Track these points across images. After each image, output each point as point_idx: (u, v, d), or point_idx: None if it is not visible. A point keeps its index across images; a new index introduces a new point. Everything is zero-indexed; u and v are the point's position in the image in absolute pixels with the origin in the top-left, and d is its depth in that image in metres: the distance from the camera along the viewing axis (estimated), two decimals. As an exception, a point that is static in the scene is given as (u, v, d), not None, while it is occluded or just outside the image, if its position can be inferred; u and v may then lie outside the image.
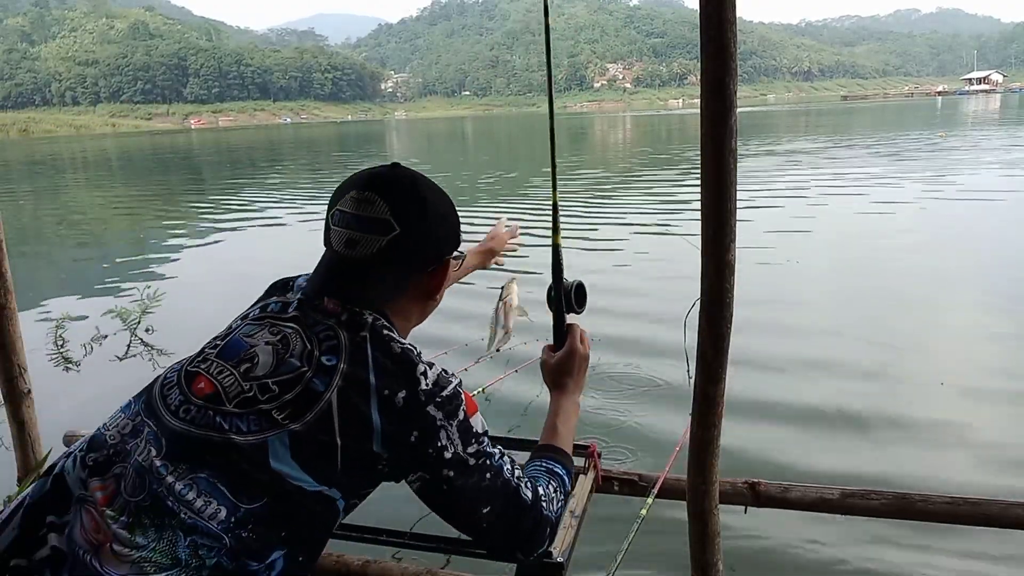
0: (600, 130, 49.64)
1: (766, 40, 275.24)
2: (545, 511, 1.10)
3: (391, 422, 0.94)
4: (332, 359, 0.95)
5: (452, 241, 1.13)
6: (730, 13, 1.27)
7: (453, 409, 0.99)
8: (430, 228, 1.07)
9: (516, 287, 1.78)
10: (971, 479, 3.20)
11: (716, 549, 1.75)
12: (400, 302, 1.09)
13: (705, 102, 1.33)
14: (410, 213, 1.04)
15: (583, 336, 1.48)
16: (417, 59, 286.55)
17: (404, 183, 1.06)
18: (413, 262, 1.08)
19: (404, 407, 0.95)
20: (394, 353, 0.98)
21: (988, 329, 5.29)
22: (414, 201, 1.05)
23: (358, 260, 1.04)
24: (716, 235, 1.40)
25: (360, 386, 0.94)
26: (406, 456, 0.96)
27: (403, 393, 0.95)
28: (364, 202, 1.04)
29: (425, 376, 0.98)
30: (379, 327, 1.01)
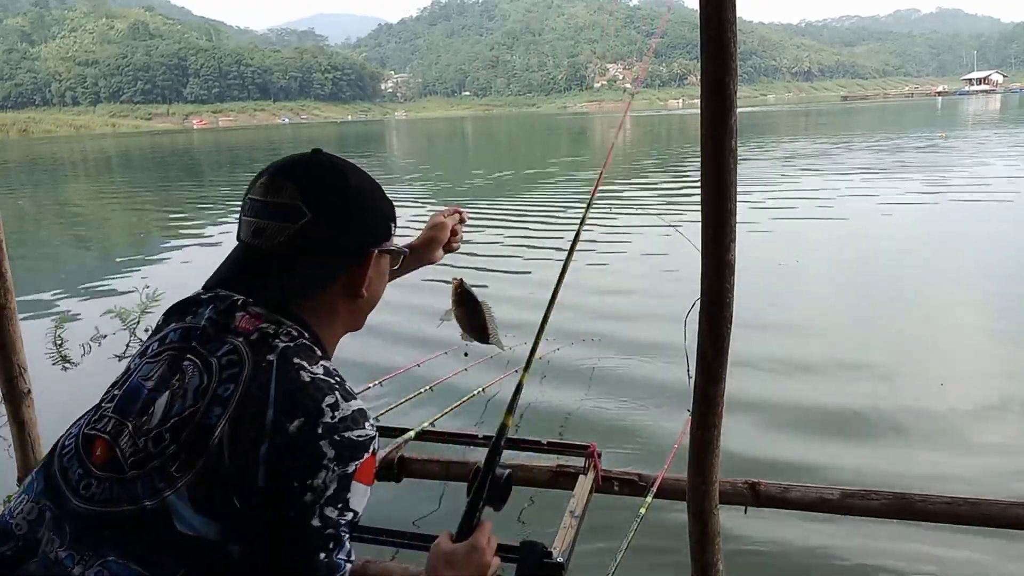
0: (600, 130, 49.64)
1: (766, 40, 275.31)
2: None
3: (278, 452, 0.82)
4: (229, 388, 0.85)
5: (378, 233, 1.01)
6: (730, 13, 1.27)
7: (348, 457, 0.84)
8: (348, 216, 0.96)
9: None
10: (971, 480, 3.20)
11: (716, 549, 1.75)
12: (319, 301, 0.97)
13: (705, 102, 1.34)
14: (324, 199, 0.94)
15: (491, 540, 1.16)
16: (417, 59, 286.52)
17: (319, 167, 0.97)
18: (328, 254, 0.96)
19: (295, 435, 0.83)
20: (301, 382, 0.86)
21: (989, 330, 5.29)
22: (329, 186, 0.96)
23: (264, 250, 0.94)
24: (716, 235, 1.41)
25: (255, 416, 0.83)
26: (282, 489, 0.82)
27: (299, 422, 0.83)
28: (273, 188, 0.94)
29: (333, 409, 0.85)
30: (290, 352, 0.89)
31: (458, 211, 1.54)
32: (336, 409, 0.85)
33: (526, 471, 2.49)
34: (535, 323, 1.50)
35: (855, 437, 3.69)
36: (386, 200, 1.04)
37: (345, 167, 0.99)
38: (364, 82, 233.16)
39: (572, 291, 6.77)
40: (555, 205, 13.09)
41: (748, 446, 3.50)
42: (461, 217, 1.55)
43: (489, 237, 9.90)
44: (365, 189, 0.99)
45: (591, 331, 5.04)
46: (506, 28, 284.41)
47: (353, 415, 0.86)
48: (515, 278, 7.50)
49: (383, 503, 3.01)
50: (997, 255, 7.43)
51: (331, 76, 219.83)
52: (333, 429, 0.84)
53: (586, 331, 5.06)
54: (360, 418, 0.87)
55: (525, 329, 5.31)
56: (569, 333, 5.04)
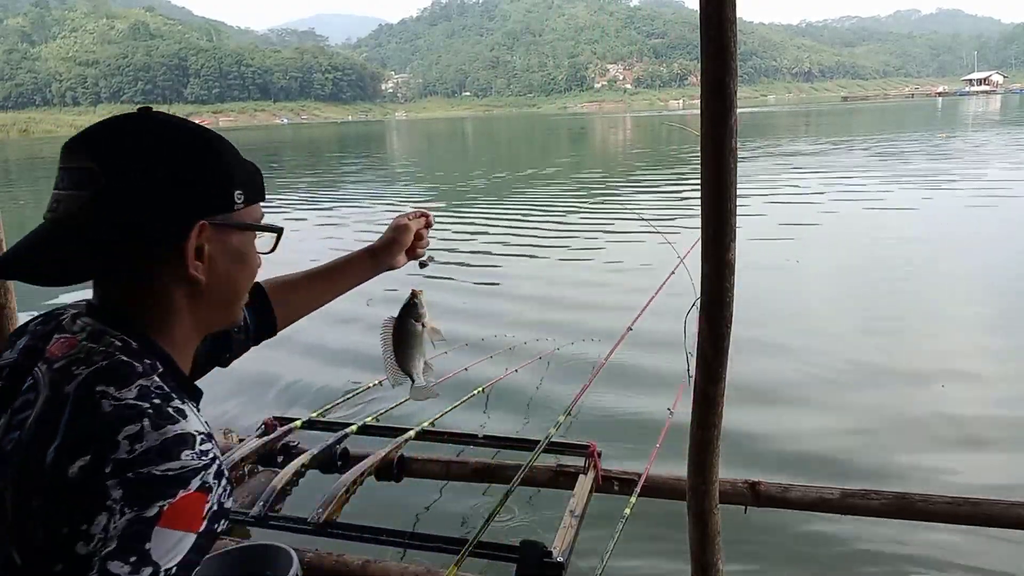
0: (600, 131, 49.65)
1: (766, 41, 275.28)
2: None
3: (53, 499, 0.66)
4: (14, 435, 0.71)
5: (212, 201, 0.82)
6: (730, 13, 1.27)
7: (147, 497, 0.66)
8: (160, 179, 0.78)
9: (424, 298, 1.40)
10: (972, 480, 3.20)
11: (716, 549, 1.75)
12: (148, 293, 0.81)
13: (705, 102, 1.34)
14: (126, 160, 0.78)
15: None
16: (417, 59, 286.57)
17: (125, 125, 0.80)
18: (137, 227, 0.77)
19: (75, 477, 0.66)
20: (99, 413, 0.69)
21: (990, 331, 5.29)
22: (135, 145, 0.79)
23: (60, 223, 0.77)
24: (716, 235, 1.40)
25: (38, 462, 0.68)
26: (53, 541, 0.66)
27: (82, 461, 0.66)
28: (71, 152, 0.79)
29: (133, 441, 0.67)
30: (93, 379, 0.72)
31: (425, 214, 1.40)
32: (138, 441, 0.67)
33: (526, 471, 2.49)
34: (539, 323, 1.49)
35: (856, 438, 3.69)
36: (230, 163, 0.84)
37: (165, 123, 0.82)
38: (364, 82, 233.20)
39: (572, 292, 6.77)
40: (554, 204, 13.10)
41: (748, 446, 3.50)
42: (428, 221, 1.41)
43: (489, 237, 9.91)
44: (188, 147, 0.81)
45: (592, 331, 5.04)
46: (506, 28, 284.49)
47: (163, 444, 0.68)
48: (514, 277, 7.51)
49: (383, 503, 3.01)
50: (1000, 256, 7.43)
51: (331, 76, 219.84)
52: (127, 465, 0.66)
53: (586, 331, 5.06)
54: (175, 446, 0.69)
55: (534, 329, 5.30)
56: (569, 333, 5.04)
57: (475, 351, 4.33)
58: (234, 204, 0.84)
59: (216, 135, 0.85)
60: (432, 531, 2.33)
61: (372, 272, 1.35)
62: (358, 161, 29.24)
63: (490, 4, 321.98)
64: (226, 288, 0.87)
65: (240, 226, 0.85)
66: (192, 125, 0.84)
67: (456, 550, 2.17)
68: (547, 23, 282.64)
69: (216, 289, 0.85)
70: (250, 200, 0.86)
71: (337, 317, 5.78)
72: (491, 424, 3.81)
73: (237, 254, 0.86)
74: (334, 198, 16.37)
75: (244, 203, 0.85)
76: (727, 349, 1.52)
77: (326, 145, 46.67)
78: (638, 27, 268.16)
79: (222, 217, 0.82)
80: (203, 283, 0.82)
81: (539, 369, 4.37)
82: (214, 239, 0.82)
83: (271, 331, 1.26)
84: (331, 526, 2.29)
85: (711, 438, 1.65)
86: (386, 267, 1.37)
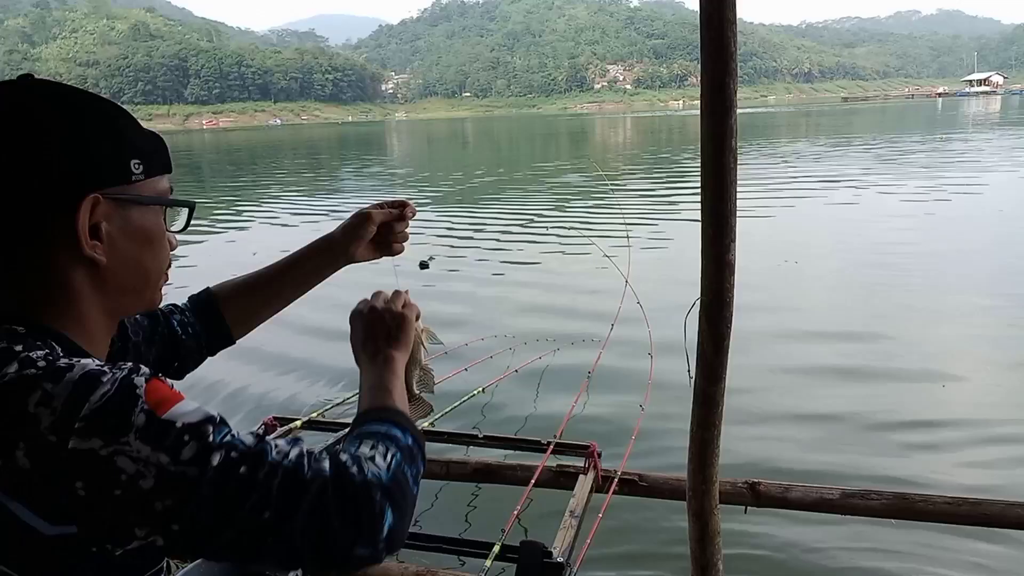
0: (601, 132, 49.67)
1: (766, 42, 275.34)
2: (358, 474, 0.71)
3: (33, 494, 0.62)
4: None
5: (104, 171, 0.74)
6: (730, 13, 1.27)
7: (118, 420, 0.62)
8: (30, 149, 0.70)
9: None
10: (972, 480, 3.20)
11: (716, 549, 1.75)
12: (36, 267, 0.73)
13: (705, 102, 1.34)
14: (3, 128, 0.71)
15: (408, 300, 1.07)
16: (418, 60, 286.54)
17: (2, 91, 0.73)
18: (16, 202, 0.70)
19: (35, 465, 0.61)
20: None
21: (990, 332, 5.29)
22: (11, 113, 0.71)
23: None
24: (716, 235, 1.40)
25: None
26: (99, 516, 0.63)
27: (22, 448, 0.61)
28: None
29: (47, 405, 0.62)
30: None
31: (403, 204, 1.24)
32: (49, 402, 0.62)
33: (526, 471, 2.50)
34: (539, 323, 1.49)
35: (856, 438, 3.69)
36: (125, 130, 0.77)
37: (47, 90, 0.74)
38: (365, 83, 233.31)
39: (571, 291, 6.77)
40: (556, 205, 13.10)
41: (748, 446, 3.50)
42: (403, 213, 1.23)
43: (489, 237, 9.91)
44: (74, 112, 0.73)
45: (591, 331, 5.04)
46: (507, 29, 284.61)
47: (75, 387, 0.63)
48: (516, 276, 7.51)
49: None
50: (1001, 256, 7.44)
51: (332, 77, 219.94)
52: (64, 423, 0.61)
53: (586, 331, 5.05)
54: (90, 379, 0.64)
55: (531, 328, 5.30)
56: (569, 333, 5.04)
57: (475, 351, 4.33)
58: (131, 175, 0.76)
59: (112, 103, 0.78)
60: (432, 531, 2.33)
61: (332, 267, 1.22)
62: (358, 161, 29.26)
63: (490, 5, 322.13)
64: (132, 271, 0.79)
65: (141, 200, 0.77)
66: (81, 91, 0.76)
67: (456, 550, 2.17)
68: (547, 24, 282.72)
69: (121, 272, 0.77)
70: (152, 171, 0.79)
71: (337, 316, 5.77)
72: (491, 425, 3.81)
73: (141, 232, 0.78)
74: (333, 199, 16.38)
75: (144, 174, 0.77)
76: (727, 349, 1.52)
77: (324, 143, 46.68)
78: (638, 28, 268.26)
79: (118, 189, 0.75)
80: (104, 264, 0.75)
81: (539, 369, 4.37)
82: (113, 215, 0.75)
83: (226, 340, 1.16)
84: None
85: (711, 438, 1.65)
86: (345, 261, 1.22)
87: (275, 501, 0.66)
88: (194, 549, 0.67)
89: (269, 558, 0.68)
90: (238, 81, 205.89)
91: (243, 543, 0.67)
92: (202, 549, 0.67)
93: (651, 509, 2.68)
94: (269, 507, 0.66)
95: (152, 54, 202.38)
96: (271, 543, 0.67)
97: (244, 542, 0.66)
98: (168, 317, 1.12)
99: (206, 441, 0.64)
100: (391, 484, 0.73)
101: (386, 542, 0.72)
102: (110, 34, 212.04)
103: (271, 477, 0.66)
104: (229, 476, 0.64)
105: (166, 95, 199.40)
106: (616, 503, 2.39)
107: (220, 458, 0.64)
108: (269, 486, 0.66)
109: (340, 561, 0.71)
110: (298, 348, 5.22)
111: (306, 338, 5.34)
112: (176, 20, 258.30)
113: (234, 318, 1.16)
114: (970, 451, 3.54)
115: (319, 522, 0.68)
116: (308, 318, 5.33)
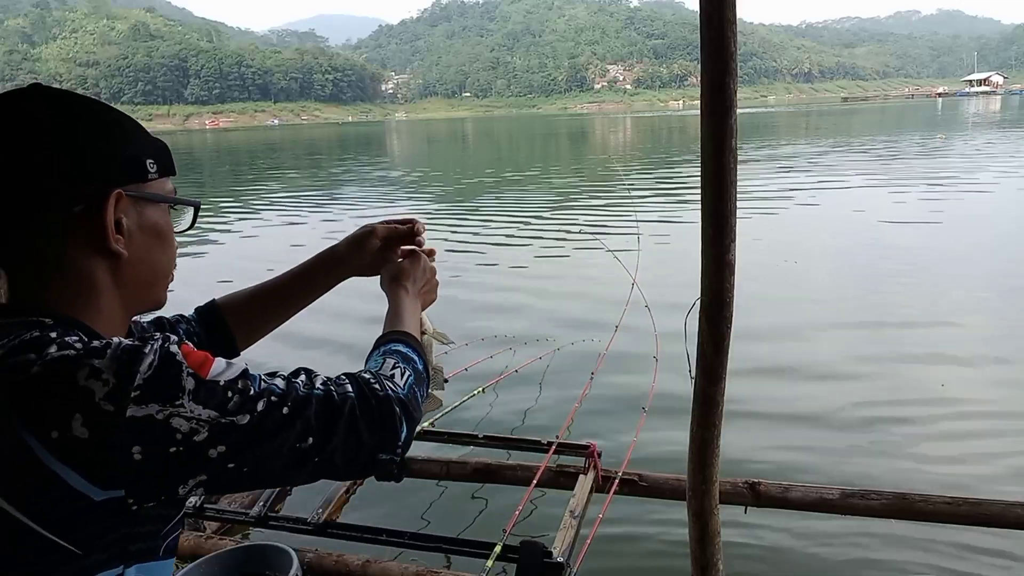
0: (601, 132, 49.65)
1: (766, 42, 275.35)
2: (381, 390, 0.83)
3: (90, 463, 0.66)
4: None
5: (123, 170, 0.80)
6: (730, 13, 1.27)
7: (170, 385, 0.69)
8: (58, 148, 0.76)
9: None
10: (972, 480, 3.20)
11: (716, 549, 1.75)
12: (64, 270, 0.78)
13: (705, 102, 1.34)
14: (21, 131, 0.76)
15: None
16: (418, 60, 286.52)
17: (18, 99, 0.78)
18: (35, 198, 0.75)
19: (93, 434, 0.66)
20: (33, 377, 0.67)
21: (990, 332, 5.30)
22: (29, 116, 0.76)
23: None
24: (716, 235, 1.40)
25: (13, 451, 0.66)
26: (149, 478, 0.69)
27: (78, 420, 0.66)
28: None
29: (97, 377, 0.67)
30: (9, 353, 0.69)
31: (412, 222, 1.23)
32: (99, 375, 0.67)
33: (526, 471, 2.50)
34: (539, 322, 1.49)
35: (856, 438, 3.69)
36: (135, 137, 0.83)
37: (67, 98, 0.80)
38: (365, 83, 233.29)
39: (572, 291, 6.77)
40: (557, 204, 13.10)
41: (749, 446, 3.50)
42: (412, 230, 1.23)
43: (488, 236, 9.91)
44: (91, 120, 0.79)
45: (592, 331, 5.04)
46: (507, 29, 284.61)
47: (120, 359, 0.69)
48: (516, 276, 7.51)
49: (383, 503, 3.02)
50: (1001, 256, 7.44)
51: (332, 77, 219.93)
52: (121, 392, 0.67)
53: (587, 331, 5.06)
54: (129, 351, 0.70)
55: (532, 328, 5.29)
56: (569, 333, 5.04)
57: (475, 350, 4.33)
58: (147, 173, 0.82)
59: (119, 110, 0.84)
60: (432, 531, 2.33)
61: (336, 279, 1.23)
62: (357, 160, 29.24)
63: (490, 5, 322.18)
64: (147, 266, 0.84)
65: (156, 198, 0.84)
66: (91, 99, 0.82)
67: (456, 550, 2.17)
68: (547, 24, 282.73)
69: (138, 266, 0.82)
70: (162, 172, 0.85)
71: (337, 313, 5.77)
72: (490, 425, 3.81)
73: (154, 229, 0.84)
74: (331, 199, 16.37)
75: (157, 174, 0.84)
76: (728, 349, 1.52)
77: (323, 143, 46.66)
78: (638, 28, 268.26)
79: (136, 187, 0.81)
80: (124, 257, 0.80)
81: (539, 369, 4.37)
82: (131, 211, 0.80)
83: (232, 351, 1.17)
84: (331, 526, 2.29)
85: (711, 438, 1.64)
86: (349, 273, 1.23)
87: (315, 428, 0.76)
88: (244, 483, 0.75)
89: (309, 476, 0.79)
90: (238, 81, 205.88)
91: (290, 468, 0.76)
92: (250, 482, 0.75)
93: (651, 509, 2.68)
94: (312, 433, 0.76)
95: (152, 54, 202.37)
96: (314, 463, 0.77)
97: (292, 467, 0.76)
98: (175, 326, 1.14)
99: (248, 393, 0.73)
100: (407, 399, 0.86)
101: (402, 448, 0.84)
102: (110, 34, 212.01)
103: (306, 408, 0.76)
104: (274, 417, 0.74)
105: (166, 95, 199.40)
106: (616, 503, 2.39)
107: (264, 404, 0.73)
108: (308, 416, 0.76)
109: (366, 467, 0.82)
110: (300, 345, 5.22)
111: (308, 336, 5.34)
112: (176, 20, 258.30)
113: (239, 329, 1.18)
114: (971, 451, 3.54)
115: (353, 437, 0.79)
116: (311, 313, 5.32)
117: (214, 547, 2.11)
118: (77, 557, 0.68)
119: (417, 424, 0.89)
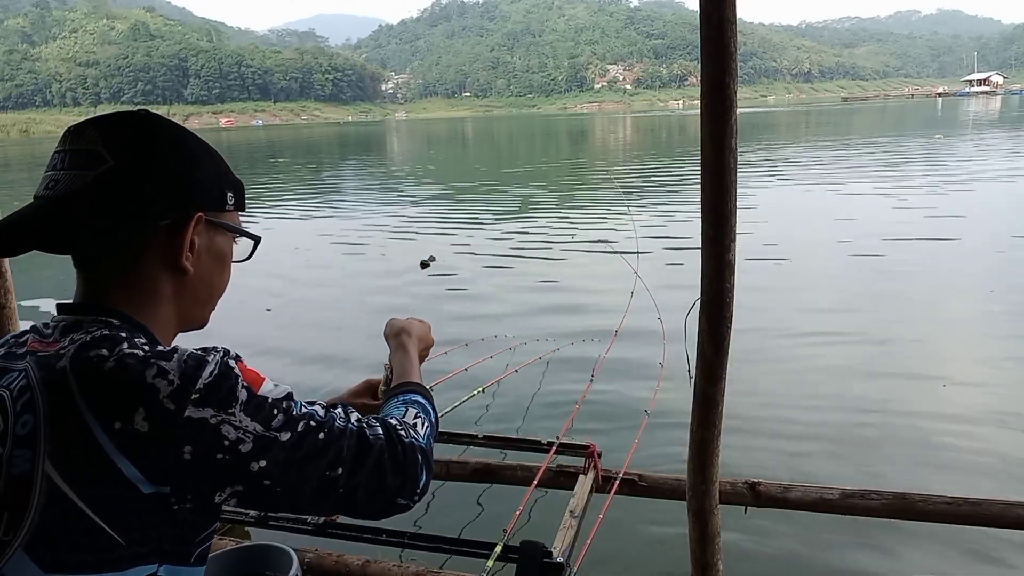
0: (600, 132, 49.61)
1: (766, 41, 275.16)
2: (406, 437, 0.89)
3: (145, 455, 0.71)
4: (28, 421, 0.73)
5: (206, 196, 0.87)
6: (730, 13, 1.27)
7: (226, 394, 0.74)
8: (161, 167, 0.83)
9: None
10: (972, 480, 3.20)
11: (716, 549, 1.75)
12: (134, 275, 0.83)
13: (705, 102, 1.34)
14: (131, 145, 0.82)
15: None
16: (417, 60, 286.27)
17: (131, 117, 0.85)
18: (135, 206, 0.80)
19: (153, 429, 0.71)
20: (106, 371, 0.72)
21: (990, 332, 5.29)
22: (139, 133, 0.84)
23: (58, 200, 0.79)
24: (716, 235, 1.40)
25: (78, 437, 0.71)
26: (193, 479, 0.74)
27: (141, 414, 0.71)
28: (75, 135, 0.84)
29: (163, 377, 0.72)
30: (83, 348, 0.74)
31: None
32: (166, 376, 0.72)
33: (526, 471, 2.49)
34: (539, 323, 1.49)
35: (856, 438, 3.69)
36: (221, 169, 0.91)
37: (170, 123, 0.87)
38: (365, 83, 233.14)
39: (571, 291, 6.77)
40: (558, 204, 13.10)
41: (748, 447, 3.50)
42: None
43: (488, 237, 9.91)
44: (189, 146, 0.87)
45: (592, 331, 5.04)
46: (506, 29, 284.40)
47: (186, 364, 0.74)
48: (517, 275, 7.51)
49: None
50: (1000, 257, 7.44)
51: (332, 77, 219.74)
52: (183, 392, 0.72)
53: (587, 331, 5.06)
54: (194, 358, 0.75)
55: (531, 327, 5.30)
56: (570, 333, 5.04)
57: (475, 350, 4.33)
58: (226, 204, 0.90)
59: (209, 144, 0.92)
60: (432, 531, 2.33)
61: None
62: (355, 162, 29.20)
63: (490, 5, 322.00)
64: (206, 286, 0.90)
65: (228, 227, 0.91)
66: (192, 132, 0.89)
67: (456, 550, 2.17)
68: (547, 24, 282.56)
69: (198, 284, 0.89)
70: (237, 206, 0.93)
71: (338, 317, 5.78)
72: (490, 425, 3.81)
73: (219, 254, 0.91)
74: (330, 201, 16.37)
75: (233, 207, 0.92)
76: (727, 349, 1.52)
77: (323, 143, 46.61)
78: (638, 28, 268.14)
79: (215, 215, 0.88)
80: (190, 274, 0.86)
81: (539, 369, 4.37)
82: (204, 235, 0.88)
83: None
84: (331, 526, 2.28)
85: (711, 438, 1.65)
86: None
87: (346, 459, 0.81)
88: (273, 503, 0.79)
89: (332, 509, 0.83)
90: (238, 81, 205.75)
91: (316, 497, 0.80)
92: (279, 503, 0.79)
93: (652, 509, 2.68)
94: (343, 464, 0.81)
95: (152, 54, 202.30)
96: (338, 494, 0.81)
97: (317, 495, 0.80)
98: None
99: (291, 413, 0.78)
100: (427, 448, 0.93)
101: (419, 494, 0.90)
102: (110, 34, 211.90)
103: (341, 438, 0.81)
104: (311, 440, 0.79)
105: (166, 95, 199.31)
106: (616, 503, 2.39)
107: (303, 426, 0.78)
108: (341, 447, 0.81)
109: (384, 509, 0.87)
110: (300, 349, 5.22)
111: (309, 340, 5.34)
112: (176, 20, 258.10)
113: None
114: (971, 450, 3.54)
115: (378, 477, 0.84)
116: (312, 320, 5.32)
117: (214, 547, 2.11)
118: (119, 546, 0.72)
119: (432, 473, 0.94)
